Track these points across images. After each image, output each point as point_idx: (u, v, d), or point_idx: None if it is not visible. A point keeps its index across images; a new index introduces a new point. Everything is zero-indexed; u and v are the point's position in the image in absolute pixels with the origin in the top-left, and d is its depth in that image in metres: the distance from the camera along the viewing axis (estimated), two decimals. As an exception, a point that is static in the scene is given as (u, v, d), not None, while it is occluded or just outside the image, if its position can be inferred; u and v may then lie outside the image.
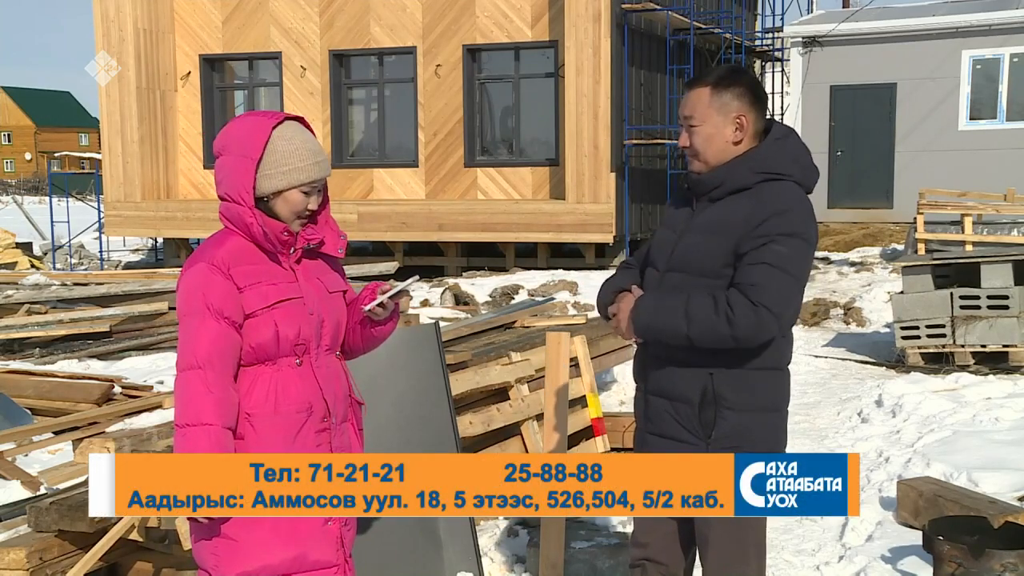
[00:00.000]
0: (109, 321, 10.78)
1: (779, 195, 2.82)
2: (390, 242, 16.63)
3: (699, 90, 2.90)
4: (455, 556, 4.23)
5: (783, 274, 2.74)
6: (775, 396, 2.93)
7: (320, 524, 2.70)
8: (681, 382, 2.89)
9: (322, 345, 2.76)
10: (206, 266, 2.64)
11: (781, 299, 2.74)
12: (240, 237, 2.69)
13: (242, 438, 2.64)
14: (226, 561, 2.65)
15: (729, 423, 2.86)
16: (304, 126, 2.74)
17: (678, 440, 2.91)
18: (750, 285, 2.72)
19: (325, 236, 2.79)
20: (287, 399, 2.68)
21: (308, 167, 2.67)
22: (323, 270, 2.82)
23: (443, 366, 4.44)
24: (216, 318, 2.61)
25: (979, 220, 13.05)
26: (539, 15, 16.38)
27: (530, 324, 7.56)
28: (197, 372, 2.59)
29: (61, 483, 5.36)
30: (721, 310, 2.72)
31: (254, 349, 2.66)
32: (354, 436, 2.87)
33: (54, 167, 59.31)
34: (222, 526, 2.62)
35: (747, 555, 2.99)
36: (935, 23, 17.73)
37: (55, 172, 37.97)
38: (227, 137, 2.69)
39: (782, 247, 2.74)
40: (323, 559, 2.71)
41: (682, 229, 2.95)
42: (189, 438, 2.56)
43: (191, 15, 18.53)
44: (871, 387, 8.04)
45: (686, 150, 2.94)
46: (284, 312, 2.67)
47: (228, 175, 2.66)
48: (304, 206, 2.69)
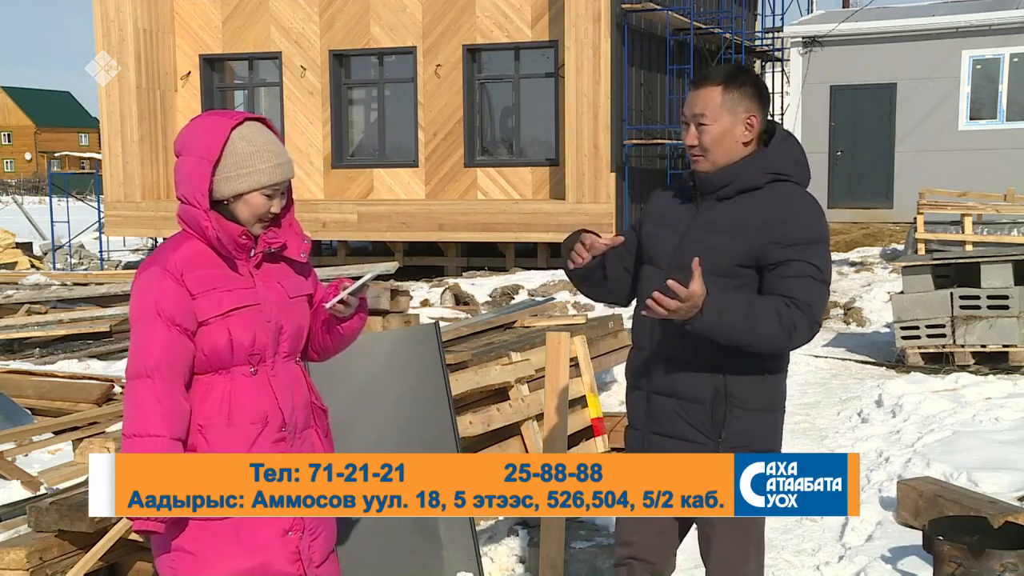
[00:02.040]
0: (109, 321, 10.78)
1: (794, 198, 2.86)
2: (390, 242, 16.64)
3: (710, 89, 2.88)
4: (455, 556, 4.23)
5: (823, 286, 2.83)
6: (778, 396, 2.98)
7: (278, 535, 2.62)
8: (692, 382, 2.89)
9: (280, 352, 2.67)
10: (159, 270, 2.55)
11: (823, 310, 2.86)
12: (197, 240, 2.59)
13: (193, 449, 2.56)
14: (184, 573, 2.58)
15: (741, 423, 2.87)
16: (267, 126, 2.65)
17: (686, 440, 2.90)
18: (807, 305, 2.78)
19: (288, 240, 2.69)
20: (241, 410, 2.59)
21: (270, 169, 2.58)
22: (285, 274, 2.71)
23: (443, 366, 4.43)
24: (167, 325, 2.52)
25: (979, 220, 13.05)
26: (539, 15, 16.39)
27: (530, 324, 7.56)
28: (146, 381, 2.51)
29: (61, 483, 5.36)
30: (786, 326, 2.76)
31: (207, 357, 2.57)
32: (319, 443, 2.78)
33: (54, 167, 59.27)
34: (179, 540, 2.56)
35: (748, 555, 3.01)
36: (935, 23, 17.73)
37: (55, 172, 37.96)
38: (185, 137, 2.60)
39: (817, 259, 2.82)
40: (284, 570, 2.63)
41: (685, 227, 2.93)
42: (136, 449, 2.49)
43: (191, 15, 18.53)
44: (871, 387, 8.04)
45: (692, 148, 2.92)
46: (239, 319, 2.58)
47: (184, 176, 2.57)
48: (266, 209, 2.60)
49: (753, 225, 2.81)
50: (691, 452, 2.84)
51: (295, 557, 2.65)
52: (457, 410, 4.66)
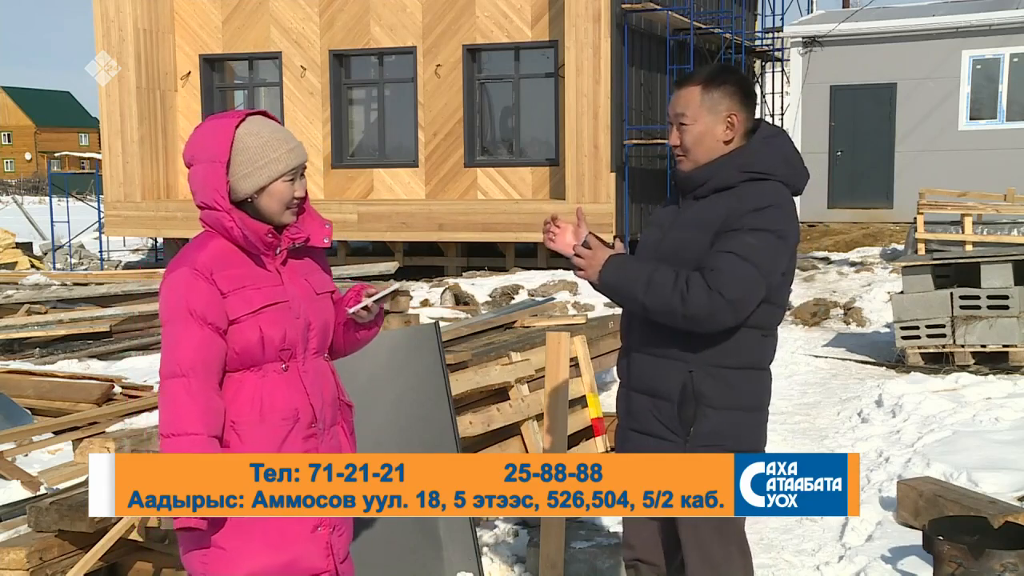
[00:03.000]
0: (109, 321, 10.78)
1: (760, 194, 2.84)
2: (390, 242, 16.63)
3: (690, 89, 2.92)
4: (455, 556, 4.23)
5: (746, 264, 2.75)
6: (755, 396, 2.94)
7: (309, 530, 2.65)
8: (661, 378, 2.90)
9: (309, 349, 2.70)
10: (188, 271, 2.57)
11: (738, 288, 2.74)
12: (222, 240, 2.62)
13: (227, 446, 2.58)
14: (215, 568, 2.60)
15: (711, 422, 2.86)
16: (269, 118, 2.67)
17: (658, 437, 2.92)
18: (710, 270, 2.75)
19: (309, 231, 2.71)
20: (273, 406, 2.62)
21: (284, 156, 2.61)
22: (311, 270, 2.75)
23: (443, 366, 4.43)
24: (200, 324, 2.54)
25: (979, 220, 13.04)
26: (539, 15, 16.39)
27: (530, 324, 7.56)
28: (181, 380, 2.53)
29: (61, 483, 5.36)
30: (679, 286, 2.75)
31: (239, 355, 2.59)
32: (344, 439, 2.82)
33: (54, 167, 59.27)
34: (211, 536, 2.58)
35: (730, 553, 3.00)
36: (935, 23, 17.74)
37: (55, 172, 37.97)
38: (192, 147, 2.63)
39: (751, 239, 2.76)
40: (313, 566, 2.66)
41: (667, 226, 2.98)
42: (174, 448, 2.51)
43: (191, 15, 18.53)
44: (871, 387, 8.04)
45: (676, 148, 2.96)
46: (269, 317, 2.60)
47: (199, 183, 2.60)
48: (291, 195, 2.63)
49: (714, 219, 2.83)
50: (662, 450, 2.86)
51: (327, 552, 2.68)
52: (457, 410, 4.66)
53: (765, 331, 2.92)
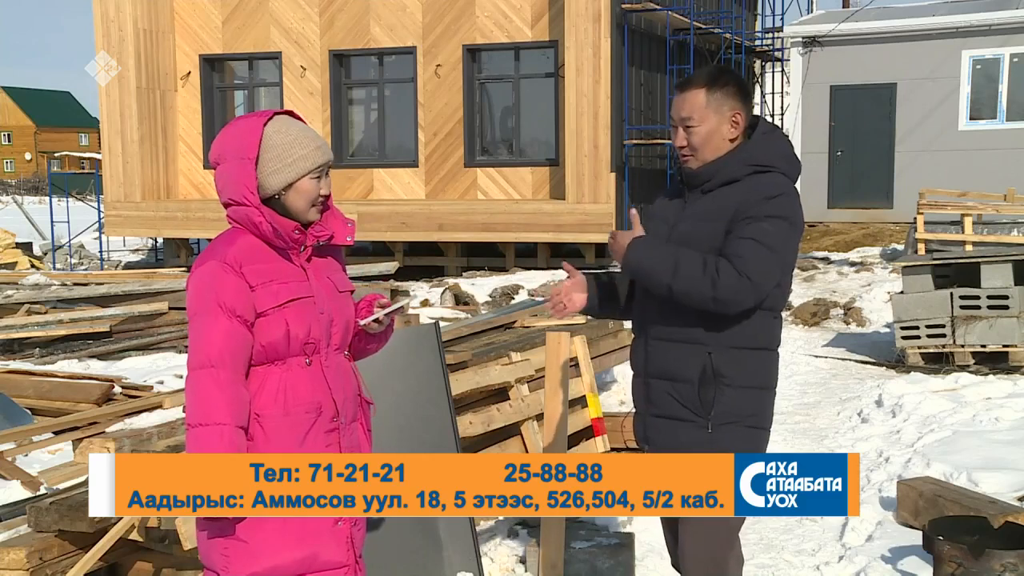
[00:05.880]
0: (109, 321, 10.79)
1: (769, 184, 2.99)
2: (390, 242, 16.63)
3: (694, 92, 3.05)
4: (455, 556, 4.23)
5: (766, 249, 2.90)
6: (767, 375, 3.08)
7: (330, 524, 2.68)
8: (681, 362, 3.01)
9: (332, 344, 2.74)
10: (217, 264, 2.61)
11: (762, 271, 2.89)
12: (250, 235, 2.67)
13: (252, 439, 2.62)
14: (236, 562, 2.63)
15: (730, 400, 2.98)
16: (295, 118, 2.73)
17: (680, 419, 3.02)
18: (736, 256, 2.88)
19: (333, 229, 2.77)
20: (297, 399, 2.66)
21: (311, 153, 2.66)
22: (333, 268, 2.81)
23: (443, 366, 4.44)
24: (228, 316, 2.58)
25: (979, 220, 13.04)
26: (539, 15, 16.39)
27: (530, 324, 7.56)
28: (209, 371, 2.56)
29: (61, 483, 5.36)
30: (709, 272, 2.87)
31: (264, 348, 2.63)
32: (363, 436, 2.85)
33: (54, 167, 59.29)
34: (236, 526, 2.60)
35: (724, 552, 3.09)
36: (935, 23, 17.73)
37: (55, 172, 37.96)
38: (221, 145, 2.68)
39: (768, 225, 2.92)
40: (334, 560, 2.70)
41: (675, 219, 3.09)
42: (202, 438, 2.53)
43: (191, 15, 18.53)
44: (871, 387, 8.04)
45: (682, 149, 3.08)
46: (295, 311, 2.65)
47: (228, 180, 2.65)
48: (317, 192, 2.68)
49: (727, 209, 2.97)
50: (687, 432, 3.00)
51: (348, 546, 2.73)
52: (457, 410, 4.66)
53: (775, 313, 3.07)
